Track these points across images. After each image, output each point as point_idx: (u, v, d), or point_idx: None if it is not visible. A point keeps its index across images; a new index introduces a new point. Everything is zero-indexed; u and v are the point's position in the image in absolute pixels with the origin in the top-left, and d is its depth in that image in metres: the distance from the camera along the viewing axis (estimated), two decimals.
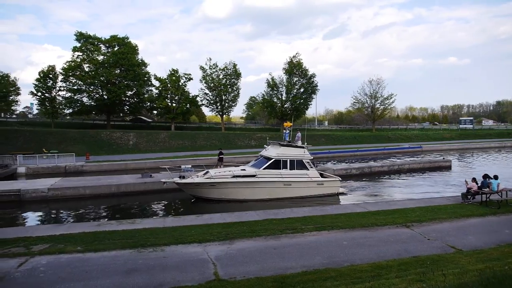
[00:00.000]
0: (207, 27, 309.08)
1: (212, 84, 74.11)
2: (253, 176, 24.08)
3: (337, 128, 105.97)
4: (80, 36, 66.62)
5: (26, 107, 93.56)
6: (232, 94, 76.20)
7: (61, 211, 23.50)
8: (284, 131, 28.66)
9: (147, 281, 9.91)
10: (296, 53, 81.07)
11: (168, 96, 71.61)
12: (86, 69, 66.10)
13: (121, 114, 77.05)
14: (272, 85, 78.30)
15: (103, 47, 68.57)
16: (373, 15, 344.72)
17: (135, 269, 10.83)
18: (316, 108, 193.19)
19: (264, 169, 24.43)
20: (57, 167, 39.04)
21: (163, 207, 24.45)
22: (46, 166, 39.02)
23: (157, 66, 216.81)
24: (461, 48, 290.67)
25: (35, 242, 13.48)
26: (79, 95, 67.54)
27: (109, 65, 66.05)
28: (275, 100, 79.14)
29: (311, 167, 25.62)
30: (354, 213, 17.72)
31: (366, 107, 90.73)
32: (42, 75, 64.21)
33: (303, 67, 77.81)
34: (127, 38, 69.66)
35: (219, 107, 76.15)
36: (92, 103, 68.17)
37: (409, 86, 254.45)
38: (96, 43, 67.56)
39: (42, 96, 64.89)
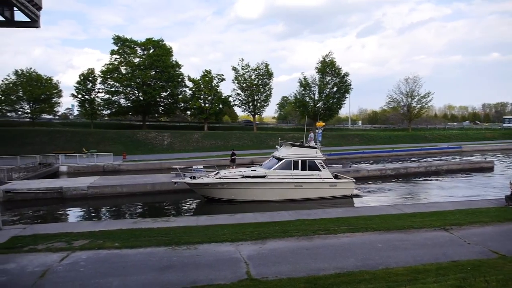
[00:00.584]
0: (239, 27, 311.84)
1: (244, 84, 74.58)
2: (263, 176, 23.70)
3: (371, 127, 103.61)
4: (117, 40, 68.94)
5: (68, 108, 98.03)
6: (264, 94, 76.32)
7: (100, 208, 24.44)
8: (317, 131, 28.28)
9: (181, 278, 10.09)
10: (329, 52, 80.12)
11: (201, 96, 72.73)
12: (123, 72, 68.34)
13: (156, 115, 79.02)
14: (305, 84, 77.73)
15: (139, 50, 70.65)
16: (409, 11, 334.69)
17: (169, 266, 11.07)
18: (349, 108, 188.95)
19: (274, 169, 24.03)
20: (96, 166, 40.62)
21: (196, 206, 24.84)
22: (85, 165, 40.69)
23: (191, 68, 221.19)
24: (505, 43, 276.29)
25: (76, 238, 14.08)
26: (116, 97, 69.98)
27: (145, 67, 67.96)
28: (308, 99, 78.52)
29: (324, 168, 24.93)
30: (389, 214, 17.25)
31: (402, 106, 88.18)
32: (82, 77, 67.07)
33: (336, 66, 76.72)
34: (162, 40, 71.42)
35: (251, 107, 76.49)
36: (129, 104, 70.38)
37: (448, 83, 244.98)
38: (132, 46, 69.71)
39: (82, 98, 67.81)
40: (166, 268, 10.87)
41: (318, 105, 78.02)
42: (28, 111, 68.52)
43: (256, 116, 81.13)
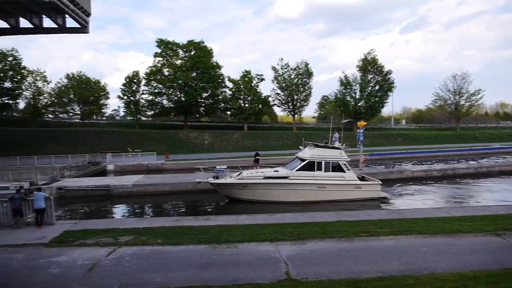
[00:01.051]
0: (279, 27, 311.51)
1: (284, 84, 74.38)
2: (285, 177, 23.32)
3: (415, 127, 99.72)
4: (160, 43, 71.16)
5: (114, 109, 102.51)
6: (304, 94, 75.68)
7: (143, 206, 25.34)
8: (358, 130, 27.58)
9: (221, 276, 10.24)
10: (371, 49, 78.00)
11: (241, 97, 73.38)
12: (166, 73, 70.44)
13: (197, 115, 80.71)
14: (345, 83, 76.26)
15: (181, 52, 72.49)
16: (457, 4, 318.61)
17: (210, 263, 11.27)
18: (392, 106, 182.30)
19: (297, 170, 23.55)
20: (140, 165, 42.16)
21: (233, 205, 24.92)
22: (131, 163, 42.34)
23: (231, 68, 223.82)
24: None
25: (122, 234, 14.69)
26: (159, 98, 72.26)
27: (186, 69, 69.64)
28: (348, 98, 76.97)
29: (348, 170, 24.16)
30: (435, 218, 16.51)
31: (449, 104, 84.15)
32: (127, 80, 69.89)
33: (378, 63, 74.62)
34: (203, 42, 72.81)
35: (290, 107, 76.14)
36: (171, 105, 72.41)
37: (500, 80, 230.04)
38: (174, 48, 71.66)
39: (128, 100, 70.66)
40: (207, 266, 11.08)
41: (359, 104, 76.26)
42: (79, 112, 72.40)
43: (296, 115, 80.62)
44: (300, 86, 74.82)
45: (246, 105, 73.36)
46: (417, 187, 29.16)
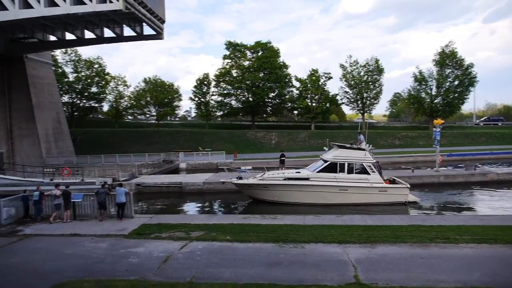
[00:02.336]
0: (347, 24, 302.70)
1: (352, 82, 72.26)
2: (306, 179, 22.71)
3: (502, 125, 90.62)
4: (229, 45, 73.20)
5: (186, 111, 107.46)
6: (374, 91, 72.79)
7: (213, 203, 26.29)
8: (434, 129, 25.77)
9: (288, 276, 10.25)
10: (449, 42, 72.62)
11: (308, 96, 72.73)
12: (234, 75, 72.29)
13: (264, 115, 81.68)
14: (420, 79, 71.78)
15: (248, 53, 73.89)
16: None
17: (277, 262, 11.34)
18: (474, 103, 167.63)
19: (318, 172, 22.83)
20: (210, 163, 43.76)
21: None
22: (201, 162, 44.16)
23: (298, 67, 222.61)
24: None
25: (193, 229, 15.41)
26: (228, 99, 74.40)
27: (254, 70, 70.82)
28: (423, 95, 72.34)
29: (373, 172, 22.69)
30: None
31: None
32: (198, 82, 72.96)
33: (457, 56, 69.10)
34: (270, 42, 73.44)
35: (359, 105, 73.72)
36: (239, 106, 74.15)
37: None
38: (242, 50, 73.26)
39: (198, 101, 73.77)
40: (273, 264, 11.16)
41: (435, 101, 71.33)
42: (154, 114, 77.31)
43: (365, 114, 77.84)
44: (370, 83, 72.08)
45: (313, 104, 72.52)
46: (504, 192, 26.54)
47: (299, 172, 23.67)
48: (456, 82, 69.89)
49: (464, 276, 10.00)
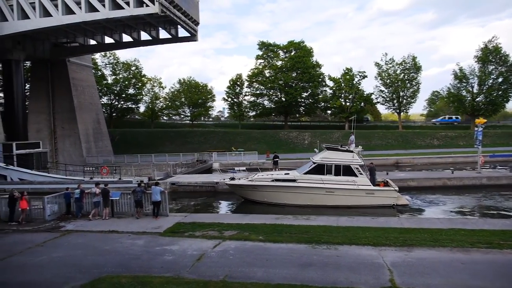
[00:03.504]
0: (382, 21, 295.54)
1: (388, 80, 70.30)
2: (293, 180, 22.81)
3: None
4: (262, 45, 73.32)
5: (219, 111, 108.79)
6: (411, 90, 70.41)
7: (246, 203, 26.37)
8: (476, 129, 24.60)
9: (321, 278, 10.12)
10: (493, 37, 68.96)
11: (342, 95, 71.57)
12: (267, 75, 72.31)
13: (297, 115, 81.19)
14: (460, 76, 68.74)
15: (281, 53, 73.69)
16: None
17: (309, 263, 11.23)
18: None
19: (305, 173, 22.87)
20: (243, 163, 44.00)
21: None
22: (234, 162, 44.50)
23: (331, 66, 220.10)
24: None
25: (226, 228, 15.56)
26: (261, 99, 74.54)
27: (287, 69, 70.53)
28: (464, 93, 69.24)
29: (361, 174, 22.33)
30: None
31: None
32: (231, 83, 73.62)
33: (502, 52, 65.59)
34: (303, 42, 72.86)
35: (395, 104, 71.63)
36: (272, 106, 74.09)
37: None
38: (275, 50, 73.15)
39: (231, 101, 74.43)
40: (306, 265, 11.06)
41: (477, 99, 68.03)
42: (188, 114, 78.81)
43: (402, 113, 75.55)
44: (407, 81, 69.82)
45: (347, 103, 71.25)
46: None
47: (288, 174, 24.01)
48: (500, 79, 66.34)
49: (509, 284, 9.48)
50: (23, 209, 17.78)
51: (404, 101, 70.92)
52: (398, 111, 72.95)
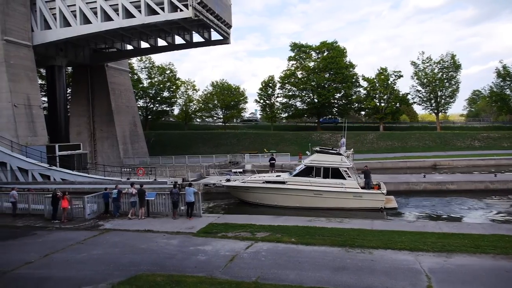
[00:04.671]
0: (418, 18, 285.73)
1: (425, 80, 67.99)
2: (283, 182, 23.39)
3: None
4: (294, 47, 73.04)
5: (252, 113, 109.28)
6: (450, 89, 67.75)
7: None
8: None
9: (355, 282, 9.92)
10: None
11: (376, 95, 69.97)
12: (299, 76, 71.93)
13: (330, 116, 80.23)
14: (504, 74, 65.38)
15: (313, 54, 73.11)
16: None
17: (343, 267, 11.04)
18: None
19: (294, 176, 23.51)
20: (275, 164, 43.89)
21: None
22: (266, 163, 44.41)
23: (365, 66, 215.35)
24: None
25: (258, 230, 15.60)
26: (293, 100, 74.23)
27: (319, 70, 69.87)
28: (508, 92, 65.82)
29: (349, 177, 22.52)
30: None
31: None
32: (263, 84, 73.81)
33: None
34: (336, 42, 71.94)
35: (433, 105, 69.15)
36: (304, 107, 73.61)
37: None
38: (307, 51, 72.67)
39: (264, 103, 74.63)
40: (339, 269, 10.89)
41: None
42: (221, 116, 79.76)
43: (440, 114, 72.81)
44: (445, 81, 67.26)
45: (382, 104, 69.55)
46: None
47: (279, 176, 24.74)
48: None
49: None
50: (64, 208, 18.65)
51: (443, 101, 68.34)
52: (436, 111, 70.40)
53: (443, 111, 72.43)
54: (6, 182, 31.11)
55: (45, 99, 49.15)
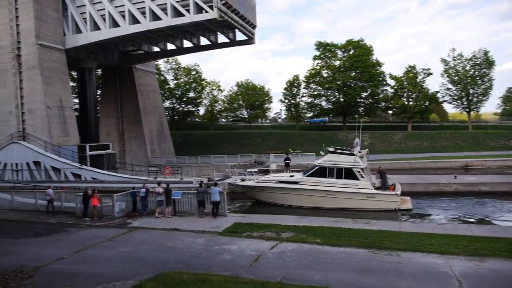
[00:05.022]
0: (449, 14, 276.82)
1: (456, 77, 65.76)
2: (296, 183, 23.54)
3: None
4: (319, 45, 72.35)
5: (276, 113, 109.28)
6: (483, 87, 65.21)
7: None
8: None
9: (382, 285, 9.73)
10: None
11: (404, 94, 68.33)
12: (325, 75, 71.21)
13: (356, 116, 79.02)
14: None
15: (339, 53, 72.16)
16: None
17: (369, 269, 10.85)
18: None
19: (307, 176, 23.57)
20: (300, 165, 43.60)
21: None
22: (291, 163, 44.31)
23: (393, 64, 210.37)
24: None
25: (283, 230, 15.55)
26: (318, 100, 73.58)
27: (345, 69, 68.92)
28: None
29: (362, 177, 22.28)
30: None
31: None
32: (288, 84, 73.53)
33: None
34: (362, 40, 70.77)
35: (464, 103, 66.80)
36: (330, 106, 72.83)
37: None
38: (333, 49, 71.81)
39: (288, 103, 74.36)
40: (366, 271, 10.70)
41: None
42: (246, 116, 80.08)
43: (472, 112, 70.27)
44: (478, 78, 64.81)
45: (410, 103, 67.85)
46: None
47: (293, 176, 24.87)
48: None
49: None
50: (94, 206, 19.24)
51: (475, 99, 65.90)
52: (467, 110, 67.98)
53: (475, 109, 69.83)
54: (41, 180, 32.41)
55: (76, 100, 50.90)
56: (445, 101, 70.66)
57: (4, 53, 36.13)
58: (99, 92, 55.42)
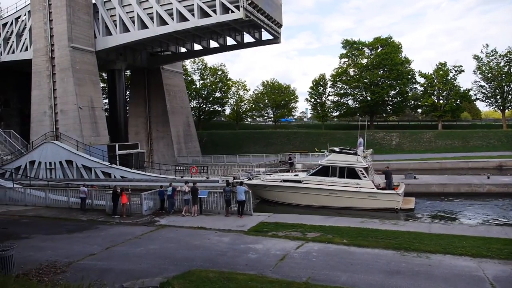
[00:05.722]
0: (481, 9, 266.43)
1: (489, 75, 63.25)
2: (299, 181, 24.06)
3: None
4: (346, 44, 71.33)
5: (302, 112, 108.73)
6: None
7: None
8: None
9: (411, 287, 9.50)
10: None
11: (434, 92, 66.35)
12: (351, 74, 70.14)
13: (383, 115, 77.44)
14: None
15: (366, 51, 70.91)
16: None
17: (397, 271, 10.63)
18: None
19: (311, 175, 24.15)
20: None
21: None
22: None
23: (422, 62, 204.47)
24: None
25: (309, 230, 15.47)
26: (345, 99, 72.58)
27: (373, 67, 67.61)
28: None
29: (365, 177, 22.65)
30: None
31: None
32: (314, 83, 72.88)
33: None
34: (390, 37, 69.27)
35: (499, 101, 64.15)
36: (356, 105, 71.65)
37: None
38: (360, 47, 70.62)
39: (314, 102, 73.72)
40: (394, 273, 10.49)
41: None
42: (272, 116, 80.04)
43: (507, 111, 67.37)
44: None
45: (441, 101, 65.82)
46: None
47: (297, 175, 25.70)
48: None
49: None
50: (123, 203, 19.76)
51: (510, 96, 63.21)
52: (501, 108, 65.26)
53: (510, 107, 66.96)
54: (73, 179, 33.59)
55: (106, 101, 52.39)
56: (477, 99, 68.11)
57: (39, 55, 37.69)
58: (128, 92, 56.84)
